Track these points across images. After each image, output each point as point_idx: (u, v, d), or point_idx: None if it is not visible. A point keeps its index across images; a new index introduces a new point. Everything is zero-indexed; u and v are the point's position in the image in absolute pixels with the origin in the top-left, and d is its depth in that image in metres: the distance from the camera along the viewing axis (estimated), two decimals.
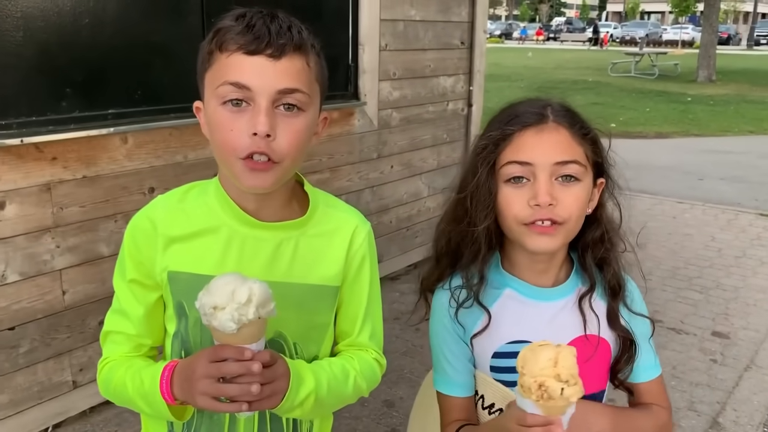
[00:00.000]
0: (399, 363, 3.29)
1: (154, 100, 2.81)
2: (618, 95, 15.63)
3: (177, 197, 1.14)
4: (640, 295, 1.25)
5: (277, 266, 1.10)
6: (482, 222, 1.14)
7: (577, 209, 1.11)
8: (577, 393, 0.92)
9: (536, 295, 1.20)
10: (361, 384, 1.16)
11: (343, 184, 3.82)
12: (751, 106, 14.14)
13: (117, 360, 1.12)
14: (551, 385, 0.91)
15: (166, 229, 1.09)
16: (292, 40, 1.00)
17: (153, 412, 1.06)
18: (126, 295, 1.12)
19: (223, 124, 1.00)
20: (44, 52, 2.45)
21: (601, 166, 1.18)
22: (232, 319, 0.90)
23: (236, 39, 0.99)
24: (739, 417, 2.97)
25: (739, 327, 3.85)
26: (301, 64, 1.01)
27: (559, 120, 1.13)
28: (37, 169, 2.46)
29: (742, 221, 6.01)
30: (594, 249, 1.19)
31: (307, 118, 1.04)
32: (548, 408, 0.93)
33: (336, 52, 3.72)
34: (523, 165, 1.10)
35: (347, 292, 1.17)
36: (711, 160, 8.78)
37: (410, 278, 4.40)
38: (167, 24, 2.84)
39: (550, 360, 0.92)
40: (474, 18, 4.59)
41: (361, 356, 1.19)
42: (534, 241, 1.12)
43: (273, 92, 0.98)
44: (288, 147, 1.01)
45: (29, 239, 2.48)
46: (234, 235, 1.09)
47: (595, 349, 1.18)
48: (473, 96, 4.75)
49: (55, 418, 2.69)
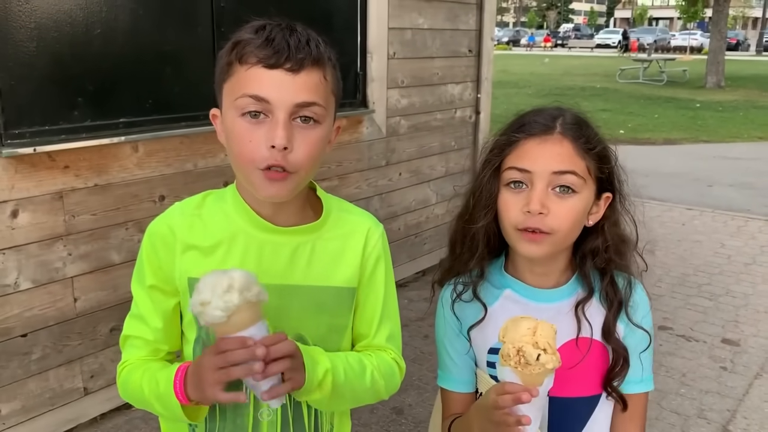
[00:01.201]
0: (408, 370, 3.24)
1: (165, 109, 2.84)
2: (626, 102, 15.61)
3: (194, 204, 1.16)
4: (648, 306, 1.25)
5: (295, 270, 1.12)
6: (480, 221, 1.19)
7: (568, 221, 1.13)
8: (553, 361, 0.96)
9: (534, 296, 1.22)
10: (379, 380, 1.17)
11: (351, 192, 3.84)
12: (760, 112, 14.08)
13: (135, 363, 1.14)
14: (528, 350, 0.96)
15: (184, 236, 1.11)
16: (311, 54, 1.02)
17: (168, 414, 1.08)
18: (144, 302, 1.14)
19: (242, 135, 1.03)
20: (57, 63, 2.48)
21: (608, 182, 1.19)
22: (218, 307, 0.92)
23: (256, 53, 1.01)
24: (749, 425, 2.95)
25: (749, 334, 3.83)
26: (319, 78, 1.04)
27: (564, 132, 1.15)
28: (50, 178, 2.49)
29: (751, 228, 5.99)
30: (593, 258, 1.20)
31: (323, 129, 1.07)
32: (526, 376, 0.97)
33: (344, 60, 3.72)
34: (522, 172, 1.14)
35: (363, 294, 1.19)
36: (720, 167, 8.75)
37: (419, 285, 4.41)
38: (178, 34, 2.87)
39: (529, 329, 0.98)
40: (481, 26, 4.60)
41: (380, 354, 1.21)
42: (522, 246, 1.15)
43: (291, 105, 1.01)
44: (304, 158, 1.03)
45: (41, 247, 2.51)
46: (251, 241, 1.11)
47: (584, 354, 1.19)
48: (481, 103, 4.76)
49: (66, 425, 2.71)
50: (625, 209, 1.23)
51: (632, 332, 1.21)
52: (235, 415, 1.12)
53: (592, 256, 1.20)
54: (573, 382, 1.19)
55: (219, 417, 1.13)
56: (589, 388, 1.21)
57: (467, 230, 1.22)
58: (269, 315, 1.09)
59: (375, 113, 3.90)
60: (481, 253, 1.22)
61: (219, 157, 3.00)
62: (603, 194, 1.19)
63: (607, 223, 1.20)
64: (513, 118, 1.22)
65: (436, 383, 1.34)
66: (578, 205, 1.14)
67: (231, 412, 1.13)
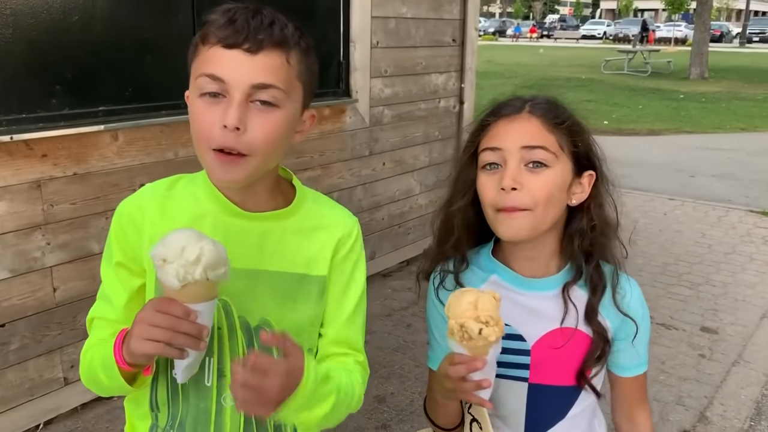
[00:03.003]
0: (390, 359, 3.31)
1: (145, 98, 2.82)
2: (611, 93, 15.68)
3: (165, 186, 1.15)
4: (638, 292, 1.25)
5: (262, 255, 1.11)
6: (457, 203, 1.21)
7: (543, 194, 1.13)
8: (494, 333, 0.99)
9: (520, 284, 1.22)
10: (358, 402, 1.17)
11: (334, 181, 3.83)
12: (742, 104, 14.21)
13: (94, 344, 1.12)
14: (470, 325, 0.99)
15: (154, 216, 1.11)
16: (272, 35, 1.01)
17: (111, 383, 1.05)
18: (111, 280, 1.13)
19: (199, 114, 1.02)
20: (34, 50, 2.45)
21: (585, 158, 1.19)
22: (177, 275, 0.91)
23: (217, 32, 1.01)
24: (726, 411, 3.00)
25: (728, 322, 3.89)
26: (280, 61, 1.02)
27: (533, 110, 1.17)
28: (27, 166, 2.46)
29: (732, 218, 6.06)
30: (578, 239, 1.20)
31: (283, 115, 1.04)
32: (471, 348, 1.01)
33: (327, 49, 3.73)
34: (494, 151, 1.15)
35: (334, 286, 1.18)
36: (702, 157, 8.83)
37: (402, 275, 4.42)
38: (157, 21, 2.84)
39: (470, 303, 1.00)
40: (465, 15, 4.60)
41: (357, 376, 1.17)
42: (503, 227, 1.15)
43: (247, 86, 1.00)
44: (259, 141, 1.01)
45: (19, 236, 2.48)
46: (218, 224, 1.10)
47: (567, 340, 1.19)
48: (465, 93, 4.77)
49: (46, 415, 2.70)
50: (607, 192, 1.23)
51: (623, 321, 1.22)
52: (197, 399, 1.11)
53: (580, 236, 1.20)
54: (554, 371, 1.20)
55: (182, 401, 1.12)
56: (569, 378, 1.21)
57: (447, 215, 1.24)
58: (235, 299, 1.08)
59: (358, 103, 3.89)
60: (459, 238, 1.23)
61: None
62: (585, 172, 1.19)
63: (593, 203, 1.21)
64: (488, 106, 1.23)
65: (418, 372, 1.34)
66: (552, 178, 1.14)
67: (194, 396, 1.11)
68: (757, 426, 2.92)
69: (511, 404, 1.22)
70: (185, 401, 1.12)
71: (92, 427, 2.73)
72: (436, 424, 1.26)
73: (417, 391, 3.04)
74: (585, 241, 1.20)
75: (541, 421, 1.23)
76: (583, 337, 1.20)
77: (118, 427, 2.72)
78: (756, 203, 6.51)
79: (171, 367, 1.10)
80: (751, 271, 4.73)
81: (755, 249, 5.21)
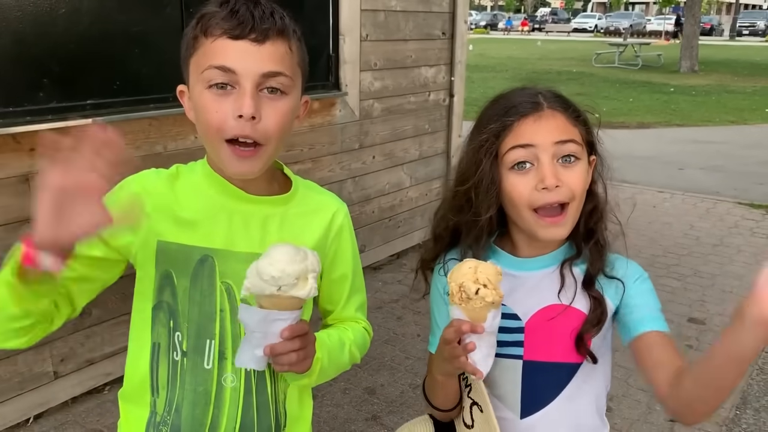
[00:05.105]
0: (380, 351, 3.33)
1: (133, 91, 2.81)
2: (601, 86, 15.73)
3: (169, 173, 1.16)
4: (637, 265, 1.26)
5: (266, 239, 1.13)
6: (486, 212, 1.19)
7: (580, 187, 1.16)
8: (492, 295, 1.01)
9: (516, 266, 1.23)
10: (355, 353, 1.25)
11: (324, 175, 3.84)
12: (732, 97, 14.29)
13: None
14: (468, 285, 1.02)
15: (158, 199, 1.11)
16: (275, 25, 1.04)
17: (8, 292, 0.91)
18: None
19: (209, 106, 1.03)
20: (20, 42, 2.44)
21: (593, 145, 1.24)
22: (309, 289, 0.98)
23: (221, 24, 1.02)
24: None
25: (715, 313, 3.92)
26: (284, 49, 1.05)
27: (553, 106, 1.18)
28: (15, 160, 2.45)
29: (720, 210, 6.10)
30: (586, 220, 1.23)
31: (291, 101, 1.08)
32: (470, 311, 1.03)
33: (317, 42, 3.72)
34: (526, 147, 1.15)
35: (330, 266, 1.22)
36: (692, 150, 8.89)
37: (393, 268, 4.44)
38: (146, 14, 2.82)
39: (470, 268, 1.04)
40: (455, 8, 4.60)
41: (354, 327, 1.27)
42: (545, 231, 1.16)
43: (257, 75, 1.02)
44: (273, 128, 1.05)
45: (8, 230, 2.47)
46: (222, 209, 1.12)
47: (561, 312, 1.19)
48: (455, 86, 4.77)
49: (36, 409, 2.70)
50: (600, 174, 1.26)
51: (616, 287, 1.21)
52: (196, 383, 1.11)
53: (585, 218, 1.22)
54: (548, 347, 1.20)
55: (179, 386, 1.12)
56: (564, 354, 1.20)
57: (471, 222, 1.21)
58: (237, 282, 1.10)
59: (348, 96, 3.89)
60: (485, 242, 1.23)
61: (189, 139, 2.97)
62: (590, 157, 1.23)
63: (595, 185, 1.24)
64: (490, 105, 1.23)
65: (408, 363, 1.36)
66: (583, 170, 1.17)
67: (191, 381, 1.12)
68: (743, 415, 2.95)
69: (507, 383, 1.22)
70: (182, 386, 1.13)
71: (82, 421, 2.73)
72: (434, 405, 1.27)
73: (407, 383, 3.06)
74: (591, 220, 1.23)
75: (536, 399, 1.22)
76: (578, 313, 1.20)
77: (109, 420, 2.73)
78: (744, 195, 6.56)
79: (173, 348, 1.12)
80: (738, 263, 4.76)
81: (743, 240, 5.26)
